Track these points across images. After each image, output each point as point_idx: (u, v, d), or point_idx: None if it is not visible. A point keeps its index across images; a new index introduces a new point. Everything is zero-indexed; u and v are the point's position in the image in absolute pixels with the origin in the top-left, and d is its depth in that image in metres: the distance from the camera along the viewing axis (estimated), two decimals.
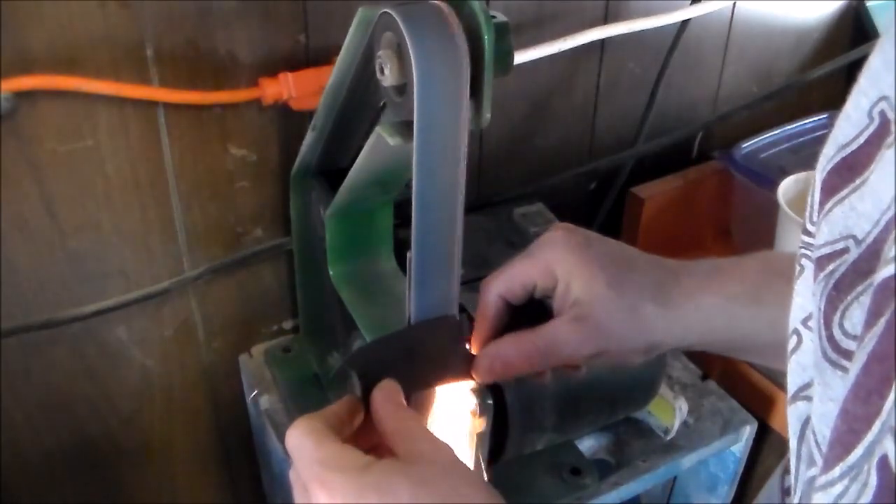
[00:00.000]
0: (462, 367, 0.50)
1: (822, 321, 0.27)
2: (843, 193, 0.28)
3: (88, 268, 0.74)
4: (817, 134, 1.07)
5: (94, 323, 0.77)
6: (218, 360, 0.88)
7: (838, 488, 0.23)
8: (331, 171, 0.70)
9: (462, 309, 0.50)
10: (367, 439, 0.44)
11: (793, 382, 0.32)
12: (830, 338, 0.27)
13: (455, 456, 0.40)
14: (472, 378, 0.50)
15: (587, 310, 0.47)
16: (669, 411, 0.77)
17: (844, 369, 0.26)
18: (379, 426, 0.43)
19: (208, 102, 0.71)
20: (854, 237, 0.27)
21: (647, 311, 0.47)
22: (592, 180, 1.04)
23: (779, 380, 0.84)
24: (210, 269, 0.80)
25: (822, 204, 0.29)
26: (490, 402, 0.60)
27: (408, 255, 0.46)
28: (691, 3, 0.94)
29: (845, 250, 0.27)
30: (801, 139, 1.06)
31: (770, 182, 0.92)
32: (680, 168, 1.06)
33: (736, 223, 1.07)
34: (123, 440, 0.86)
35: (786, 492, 0.45)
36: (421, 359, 0.49)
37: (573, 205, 1.02)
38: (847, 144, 0.28)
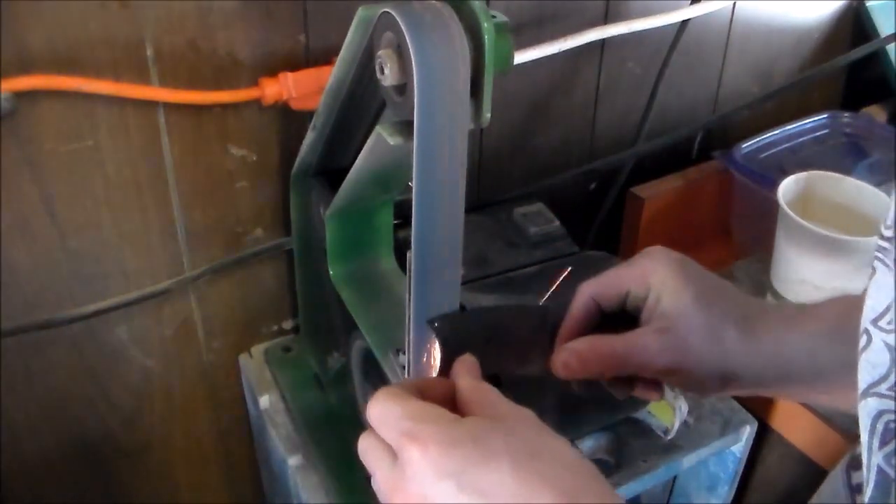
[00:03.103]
0: (540, 358, 0.50)
1: None
2: None
3: (88, 268, 0.74)
4: (817, 134, 1.07)
5: (94, 323, 0.77)
6: (218, 360, 0.88)
7: None
8: (331, 171, 0.70)
9: (462, 308, 0.50)
10: None
11: (863, 380, 0.33)
12: None
13: (537, 418, 0.40)
14: (548, 370, 0.50)
15: (671, 322, 0.48)
16: (669, 411, 0.77)
17: None
18: (460, 395, 0.42)
19: (208, 102, 0.71)
20: None
21: (730, 335, 0.48)
22: (592, 180, 1.04)
23: None
24: (210, 269, 0.80)
25: None
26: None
27: (408, 254, 0.46)
28: (691, 3, 0.94)
29: None
30: (801, 139, 1.06)
31: (770, 182, 0.92)
32: (680, 168, 1.06)
33: (736, 223, 1.07)
34: (123, 440, 0.86)
35: (855, 489, 0.46)
36: (501, 342, 0.50)
37: (573, 205, 1.02)
38: None
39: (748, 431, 0.81)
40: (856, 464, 0.47)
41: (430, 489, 0.36)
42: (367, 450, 0.40)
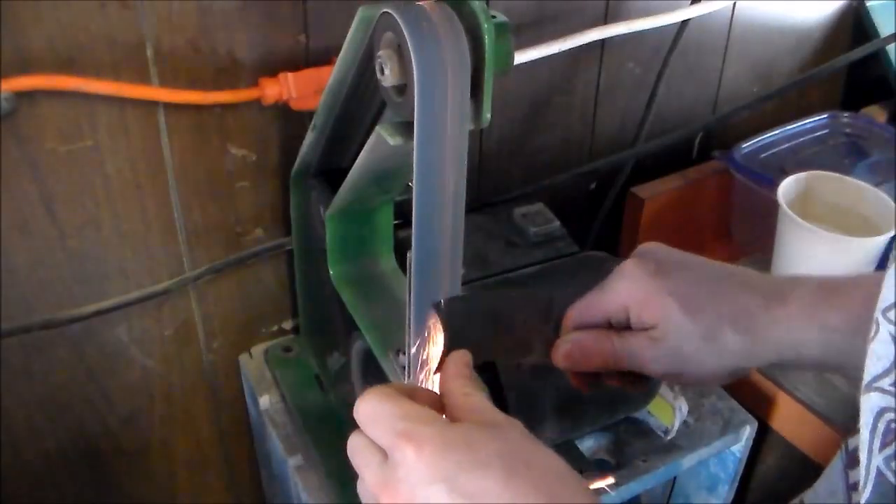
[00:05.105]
0: (542, 347, 0.51)
1: None
2: None
3: (88, 268, 0.74)
4: (817, 134, 1.07)
5: (94, 323, 0.77)
6: (218, 360, 0.88)
7: None
8: (331, 171, 0.70)
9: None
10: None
11: (868, 372, 0.32)
12: None
13: (524, 430, 0.39)
14: (550, 360, 0.50)
15: (662, 334, 0.48)
16: (669, 411, 0.77)
17: None
18: (449, 399, 0.41)
19: (208, 102, 0.71)
20: None
21: (727, 338, 0.47)
22: (592, 180, 1.04)
23: (779, 380, 0.84)
24: (210, 269, 0.80)
25: None
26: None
27: (408, 255, 0.46)
28: (691, 3, 0.94)
29: None
30: (801, 139, 1.06)
31: (770, 182, 0.92)
32: (680, 168, 1.06)
33: (736, 223, 1.07)
34: (123, 440, 0.86)
35: (852, 487, 0.45)
36: (504, 327, 0.50)
37: (573, 205, 1.02)
38: None
39: (748, 431, 0.81)
40: (853, 462, 0.46)
41: (420, 490, 0.35)
42: (357, 448, 0.39)
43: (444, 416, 0.40)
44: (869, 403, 0.32)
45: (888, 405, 0.31)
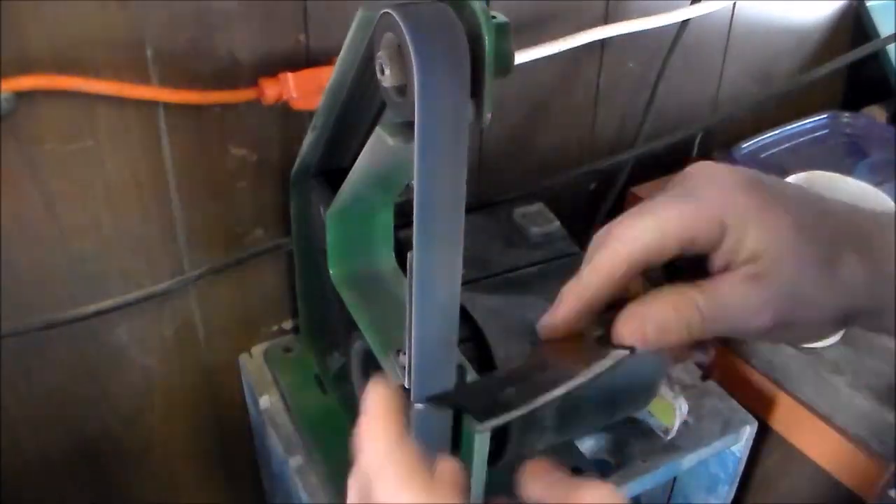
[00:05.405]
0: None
1: None
2: None
3: (88, 268, 0.74)
4: (817, 134, 1.07)
5: (94, 323, 0.77)
6: (218, 360, 0.88)
7: None
8: (331, 171, 0.70)
9: (463, 309, 0.50)
10: None
11: None
12: None
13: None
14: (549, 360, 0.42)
15: (769, 266, 0.36)
16: (669, 411, 0.77)
17: None
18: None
19: (208, 102, 0.71)
20: None
21: (850, 262, 0.36)
22: (592, 180, 1.04)
23: (779, 380, 0.84)
24: (210, 269, 0.80)
25: None
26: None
27: (408, 255, 0.46)
28: (691, 3, 0.94)
29: None
30: (801, 139, 1.06)
31: None
32: (680, 168, 1.05)
33: None
34: (123, 440, 0.86)
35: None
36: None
37: (573, 205, 1.02)
38: None
39: (748, 431, 0.81)
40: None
41: None
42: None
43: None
44: None
45: None
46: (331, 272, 0.70)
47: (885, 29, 1.13)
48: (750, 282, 0.36)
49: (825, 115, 1.08)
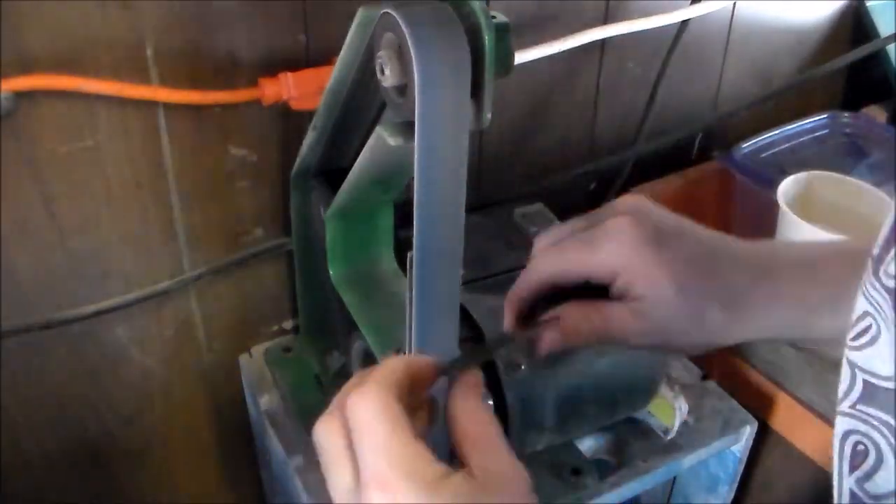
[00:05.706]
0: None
1: None
2: None
3: (88, 268, 0.74)
4: (817, 134, 1.07)
5: (94, 323, 0.77)
6: (218, 360, 0.88)
7: None
8: (331, 171, 0.70)
9: (462, 309, 0.50)
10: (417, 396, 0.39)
11: (838, 393, 0.32)
12: None
13: (529, 486, 0.35)
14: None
15: (649, 309, 0.45)
16: (669, 411, 0.77)
17: None
18: (454, 425, 0.37)
19: (208, 102, 0.71)
20: None
21: (715, 318, 0.45)
22: (592, 180, 1.04)
23: (779, 380, 0.84)
24: (210, 269, 0.80)
25: None
26: (490, 402, 0.61)
27: (408, 255, 0.46)
28: (691, 3, 0.94)
29: None
30: (801, 139, 1.05)
31: (770, 182, 0.92)
32: (680, 168, 1.06)
33: (736, 223, 1.07)
34: (123, 440, 0.86)
35: None
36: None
37: (573, 205, 1.02)
38: None
39: (748, 431, 0.81)
40: None
41: None
42: (331, 450, 0.36)
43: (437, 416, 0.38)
44: (836, 427, 0.32)
45: (852, 428, 0.31)
46: (331, 272, 0.70)
47: (885, 29, 1.13)
48: (633, 315, 0.46)
49: (825, 115, 1.08)
